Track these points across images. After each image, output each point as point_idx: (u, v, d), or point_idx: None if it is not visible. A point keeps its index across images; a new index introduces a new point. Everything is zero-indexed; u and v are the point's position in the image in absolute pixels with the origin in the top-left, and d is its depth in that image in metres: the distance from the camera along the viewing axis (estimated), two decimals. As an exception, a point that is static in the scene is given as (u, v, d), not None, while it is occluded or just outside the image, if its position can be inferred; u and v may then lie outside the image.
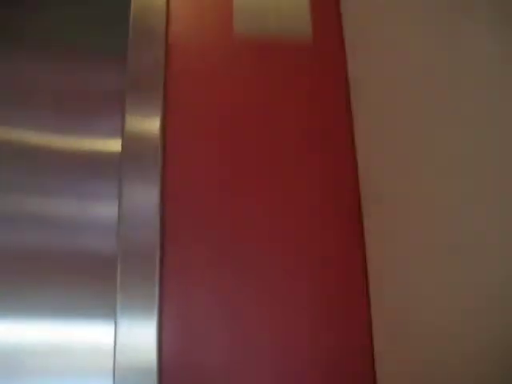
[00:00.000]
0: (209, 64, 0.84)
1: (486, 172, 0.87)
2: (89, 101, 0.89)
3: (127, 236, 0.74)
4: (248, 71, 0.85)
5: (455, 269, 0.79)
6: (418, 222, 0.82)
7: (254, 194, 0.78)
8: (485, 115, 0.89)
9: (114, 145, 0.83)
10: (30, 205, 0.82)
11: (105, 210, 0.80)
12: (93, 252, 0.78)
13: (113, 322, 0.72)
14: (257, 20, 0.88)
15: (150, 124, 0.80)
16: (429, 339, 0.75)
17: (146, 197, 0.76)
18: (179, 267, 0.74)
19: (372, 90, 0.93)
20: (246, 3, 0.89)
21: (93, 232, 0.79)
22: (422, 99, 0.91)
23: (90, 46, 0.91)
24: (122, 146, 0.79)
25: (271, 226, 0.76)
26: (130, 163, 0.78)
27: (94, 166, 0.84)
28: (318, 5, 0.91)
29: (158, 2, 0.88)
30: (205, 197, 0.77)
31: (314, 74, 0.86)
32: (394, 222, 0.83)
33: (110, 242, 0.77)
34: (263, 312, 0.73)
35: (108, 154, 0.84)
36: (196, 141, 0.80)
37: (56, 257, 0.79)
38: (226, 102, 0.82)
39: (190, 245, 0.75)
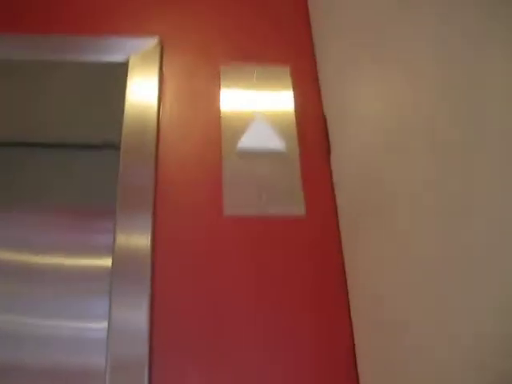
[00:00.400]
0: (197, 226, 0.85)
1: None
2: (81, 219, 0.95)
3: (116, 350, 0.74)
4: (235, 243, 0.84)
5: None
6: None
7: (241, 315, 0.79)
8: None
9: (105, 261, 0.86)
10: (18, 322, 0.86)
11: (94, 324, 0.83)
12: (82, 367, 0.81)
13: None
14: (247, 201, 0.87)
15: (139, 241, 0.81)
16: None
17: (135, 312, 0.76)
18: (167, 381, 0.74)
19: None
20: (234, 186, 0.88)
21: (82, 347, 0.83)
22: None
23: (81, 172, 0.98)
24: (113, 262, 0.80)
25: (259, 345, 0.77)
26: (119, 279, 0.78)
27: (84, 281, 0.88)
28: (311, 183, 0.89)
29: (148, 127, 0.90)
30: (193, 313, 0.79)
31: (307, 248, 0.85)
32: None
33: (99, 356, 0.75)
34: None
35: (99, 270, 0.89)
36: (184, 260, 0.82)
37: (45, 372, 0.81)
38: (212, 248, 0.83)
39: (178, 360, 0.76)
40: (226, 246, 0.84)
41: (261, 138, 0.91)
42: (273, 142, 0.91)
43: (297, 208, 0.87)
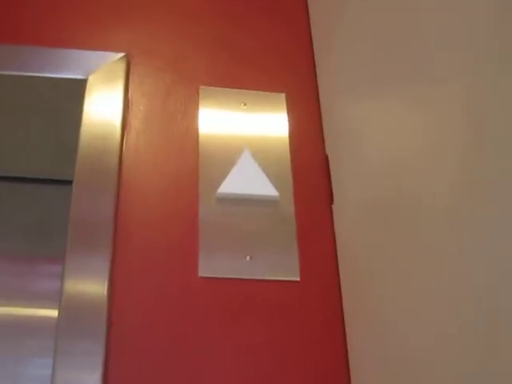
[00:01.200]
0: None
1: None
2: (23, 262, 0.89)
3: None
4: (210, 309, 0.73)
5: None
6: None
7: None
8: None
9: (51, 312, 0.79)
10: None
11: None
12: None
13: None
14: (227, 261, 0.74)
15: (93, 289, 0.72)
16: None
17: (84, 375, 0.66)
18: None
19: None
20: (212, 241, 0.75)
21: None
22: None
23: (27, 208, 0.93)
24: (59, 313, 0.69)
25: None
26: (67, 334, 0.69)
27: (30, 329, 0.80)
28: (308, 240, 0.77)
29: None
30: (155, 380, 0.69)
31: (301, 318, 0.73)
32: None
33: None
34: None
35: (45, 318, 0.81)
36: (147, 315, 0.73)
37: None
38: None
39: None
40: (199, 310, 0.73)
41: (247, 182, 0.76)
42: (262, 186, 0.76)
43: (290, 272, 0.74)
